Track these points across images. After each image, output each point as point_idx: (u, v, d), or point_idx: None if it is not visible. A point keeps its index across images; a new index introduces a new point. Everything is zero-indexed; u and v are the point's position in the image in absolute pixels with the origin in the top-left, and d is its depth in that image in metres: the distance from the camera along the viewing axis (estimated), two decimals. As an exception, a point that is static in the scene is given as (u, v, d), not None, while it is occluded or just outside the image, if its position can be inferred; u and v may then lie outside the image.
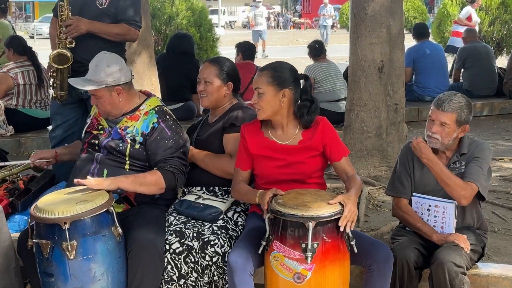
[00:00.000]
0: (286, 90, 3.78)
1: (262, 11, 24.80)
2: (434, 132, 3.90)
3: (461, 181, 3.84)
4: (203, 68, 4.23)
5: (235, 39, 18.36)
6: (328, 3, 27.35)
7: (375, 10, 6.23)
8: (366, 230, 4.89)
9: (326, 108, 8.85)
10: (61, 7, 5.07)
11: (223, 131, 4.16)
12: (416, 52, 9.93)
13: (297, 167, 3.84)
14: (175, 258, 3.79)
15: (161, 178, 3.88)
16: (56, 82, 5.19)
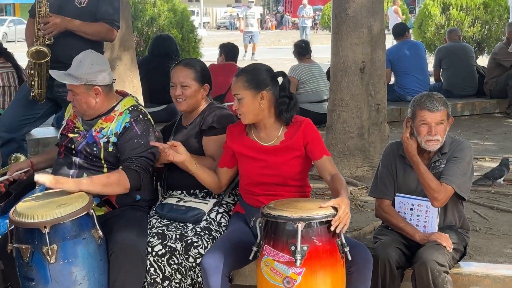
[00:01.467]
0: (264, 92, 3.77)
1: (254, 12, 23.73)
2: (435, 134, 3.89)
3: (437, 183, 3.85)
4: (178, 72, 4.15)
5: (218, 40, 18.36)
6: (307, 4, 27.42)
7: (356, 10, 6.24)
8: (349, 230, 4.88)
9: (309, 109, 8.86)
10: (39, 3, 5.04)
11: (202, 133, 4.12)
12: (393, 53, 9.92)
13: (279, 168, 3.82)
14: (158, 260, 3.76)
15: (125, 177, 3.82)
16: (34, 79, 5.16)
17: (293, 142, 3.83)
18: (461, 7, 13.30)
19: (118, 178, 3.81)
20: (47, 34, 5.02)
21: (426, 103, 3.89)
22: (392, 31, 10.49)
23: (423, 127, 3.91)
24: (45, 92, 5.23)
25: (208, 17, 51.47)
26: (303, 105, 8.87)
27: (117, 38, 6.30)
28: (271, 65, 3.59)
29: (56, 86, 5.23)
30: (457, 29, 11.36)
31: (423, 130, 3.90)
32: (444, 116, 3.90)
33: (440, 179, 3.88)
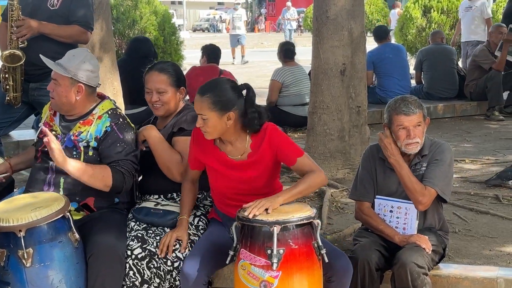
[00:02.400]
0: (231, 113, 3.63)
1: (241, 14, 23.14)
2: (414, 137, 3.89)
3: (421, 186, 3.86)
4: (152, 78, 4.08)
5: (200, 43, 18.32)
6: (291, 6, 27.37)
7: (337, 13, 6.26)
8: (329, 233, 4.89)
9: (291, 112, 8.87)
10: (11, 6, 5.02)
11: (172, 134, 4.09)
12: (376, 55, 9.97)
13: (249, 182, 3.77)
14: (137, 263, 3.74)
15: (109, 174, 3.79)
16: (9, 83, 5.12)
17: (261, 155, 3.72)
18: (442, 10, 13.38)
19: (103, 173, 3.80)
20: (21, 37, 4.99)
21: (402, 108, 3.90)
22: (374, 34, 10.50)
23: (401, 132, 3.91)
24: (20, 95, 5.20)
25: (180, 19, 51.44)
26: (285, 108, 8.89)
27: (97, 41, 6.27)
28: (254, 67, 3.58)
29: (31, 89, 5.21)
30: (441, 31, 11.39)
31: (402, 134, 3.91)
32: (421, 118, 3.91)
33: (423, 182, 3.88)
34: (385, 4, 27.01)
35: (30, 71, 5.03)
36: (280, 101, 8.98)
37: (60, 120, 4.05)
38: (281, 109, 8.93)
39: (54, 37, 5.08)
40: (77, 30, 5.14)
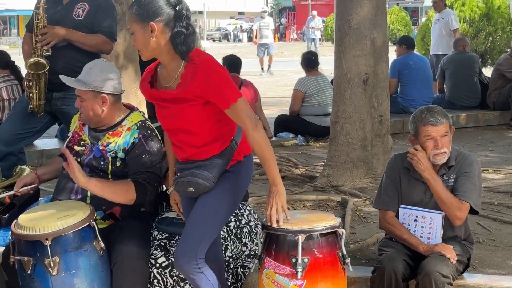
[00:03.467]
0: (152, 24, 3.26)
1: (268, 23, 21.75)
2: (442, 147, 3.88)
3: (457, 201, 3.84)
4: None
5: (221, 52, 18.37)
6: (316, 15, 27.19)
7: (359, 22, 6.26)
8: (352, 242, 4.88)
9: (314, 122, 8.87)
10: (37, 15, 5.07)
11: None
12: (401, 63, 9.97)
13: (182, 119, 3.42)
14: (161, 272, 3.76)
15: (133, 189, 3.81)
16: (33, 91, 5.17)
17: (190, 88, 3.32)
18: (465, 19, 13.33)
19: (126, 188, 3.81)
20: (46, 44, 5.04)
21: (428, 118, 3.90)
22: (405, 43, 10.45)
23: (429, 142, 3.90)
24: (43, 104, 5.25)
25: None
26: (308, 117, 8.89)
27: (121, 51, 6.34)
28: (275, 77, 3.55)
29: (54, 99, 5.25)
30: (464, 38, 11.32)
31: (429, 145, 3.90)
32: (447, 128, 3.91)
33: (457, 195, 3.87)
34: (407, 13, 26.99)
35: (54, 80, 5.07)
36: (303, 111, 8.99)
37: (89, 130, 4.08)
38: (304, 119, 8.94)
39: (79, 45, 5.13)
40: (102, 39, 5.19)
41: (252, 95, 8.72)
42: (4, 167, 5.40)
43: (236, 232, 4.00)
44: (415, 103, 9.71)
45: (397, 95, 9.99)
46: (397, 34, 24.18)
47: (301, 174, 7.02)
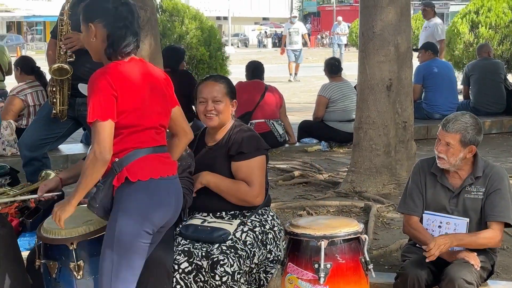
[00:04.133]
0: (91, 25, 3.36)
1: (298, 28, 21.05)
2: (439, 152, 3.91)
3: (488, 234, 3.85)
4: (208, 87, 4.11)
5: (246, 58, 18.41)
6: (342, 20, 27.05)
7: (383, 28, 6.27)
8: (375, 248, 4.88)
9: (337, 127, 8.86)
10: (61, 21, 5.12)
11: (230, 158, 4.07)
12: (426, 69, 9.93)
13: None
14: (184, 277, 3.76)
15: None
16: (56, 97, 5.22)
17: None
18: (490, 25, 13.25)
19: None
20: (69, 48, 5.09)
21: (446, 120, 3.94)
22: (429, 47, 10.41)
23: (437, 141, 3.97)
24: (67, 109, 5.29)
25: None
26: (332, 123, 8.88)
27: (146, 56, 6.36)
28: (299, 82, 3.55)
29: (78, 104, 5.28)
30: (488, 45, 11.26)
31: (436, 143, 3.97)
32: (453, 140, 3.87)
33: (492, 217, 3.87)
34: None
35: (77, 86, 5.12)
36: (327, 117, 8.98)
37: None
38: (327, 125, 8.93)
39: None
40: None
41: (277, 101, 8.73)
42: (28, 172, 5.46)
43: (262, 238, 4.01)
44: (440, 109, 9.68)
45: (421, 101, 9.96)
46: (422, 40, 24.03)
47: (324, 180, 7.02)
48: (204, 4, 45.51)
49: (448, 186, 3.98)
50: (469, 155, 3.92)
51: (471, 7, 13.77)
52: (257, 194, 4.05)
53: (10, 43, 37.97)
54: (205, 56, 11.19)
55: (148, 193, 3.31)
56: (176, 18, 11.53)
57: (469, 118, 3.95)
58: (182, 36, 11.30)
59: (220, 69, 11.53)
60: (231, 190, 4.05)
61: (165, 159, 3.42)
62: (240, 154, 4.05)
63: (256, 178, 4.04)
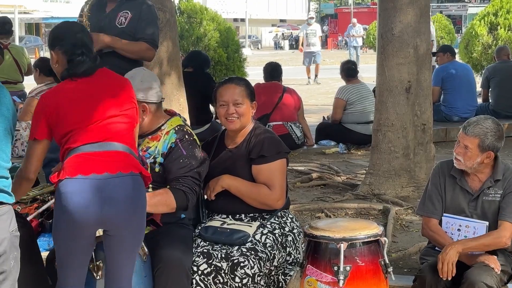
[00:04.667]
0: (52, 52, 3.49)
1: (316, 29, 20.69)
2: (457, 153, 3.90)
3: (494, 233, 3.82)
4: (229, 90, 4.09)
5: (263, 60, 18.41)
6: (357, 22, 27.01)
7: (402, 30, 6.25)
8: (394, 251, 4.86)
9: (355, 129, 8.84)
10: (80, 22, 5.14)
11: (251, 161, 4.06)
12: (445, 71, 9.89)
13: None
14: (204, 279, 3.75)
15: (172, 197, 3.83)
16: None
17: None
18: (509, 26, 13.17)
19: (165, 198, 3.83)
20: None
21: (467, 122, 3.92)
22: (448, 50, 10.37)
23: (456, 142, 3.95)
24: None
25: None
26: (349, 125, 8.87)
27: (165, 58, 6.39)
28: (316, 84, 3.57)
29: None
30: (506, 48, 11.19)
31: (455, 144, 3.95)
32: (471, 144, 3.84)
33: (503, 216, 3.84)
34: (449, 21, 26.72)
35: None
36: (345, 119, 8.97)
37: None
38: (345, 127, 8.92)
39: (122, 52, 5.18)
40: (144, 47, 5.23)
41: (295, 103, 8.73)
42: (48, 173, 5.47)
43: (281, 241, 4.00)
44: (458, 111, 9.63)
45: (440, 103, 9.91)
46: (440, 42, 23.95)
47: (342, 182, 7.01)
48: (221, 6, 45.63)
49: (467, 189, 3.96)
50: (486, 160, 3.89)
51: (490, 9, 13.70)
52: (278, 197, 4.05)
53: (29, 44, 38.18)
54: (222, 58, 11.22)
55: (61, 195, 3.28)
56: (194, 20, 11.56)
57: (491, 124, 3.90)
58: (200, 38, 11.33)
59: (237, 71, 11.55)
60: (252, 194, 4.04)
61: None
62: (261, 158, 4.04)
63: (277, 182, 4.03)
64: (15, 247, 3.07)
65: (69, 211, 3.18)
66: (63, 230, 3.26)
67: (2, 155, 3.01)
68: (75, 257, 3.33)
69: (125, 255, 3.38)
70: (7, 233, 3.01)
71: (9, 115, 3.04)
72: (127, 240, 3.35)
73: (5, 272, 3.03)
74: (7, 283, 3.04)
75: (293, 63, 28.61)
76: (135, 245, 3.42)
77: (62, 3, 50.46)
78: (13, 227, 3.06)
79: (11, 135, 3.07)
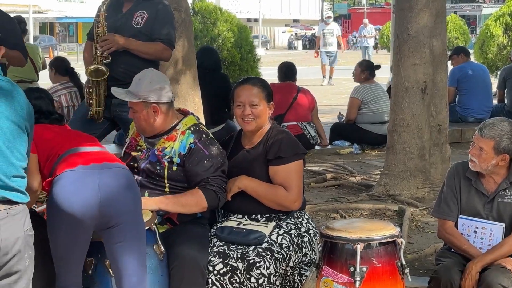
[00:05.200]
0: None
1: (333, 29, 19.94)
2: (472, 155, 3.87)
3: (509, 240, 3.80)
4: (245, 91, 4.07)
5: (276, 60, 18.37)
6: (368, 23, 26.93)
7: (418, 30, 6.23)
8: (410, 252, 4.84)
9: (370, 129, 8.81)
10: (97, 22, 5.15)
11: (268, 162, 4.05)
12: (460, 72, 9.85)
13: None
14: (220, 278, 3.74)
15: (203, 197, 3.86)
16: (93, 98, 5.25)
17: None
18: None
19: (196, 199, 3.86)
20: (106, 50, 5.11)
21: (483, 124, 3.89)
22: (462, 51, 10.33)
23: (472, 143, 3.92)
24: (103, 110, 5.31)
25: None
26: (364, 125, 8.84)
27: (180, 57, 6.39)
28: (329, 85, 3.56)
29: (113, 105, 5.30)
30: None
31: (471, 145, 3.93)
32: (486, 146, 3.81)
33: None
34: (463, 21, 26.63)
35: (112, 85, 5.15)
36: (359, 119, 8.94)
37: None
38: (360, 127, 8.89)
39: (137, 53, 5.19)
40: (160, 47, 5.24)
41: (309, 103, 8.72)
42: None
43: (297, 241, 3.98)
44: (474, 112, 9.59)
45: (455, 104, 9.87)
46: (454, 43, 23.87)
47: (357, 183, 7.00)
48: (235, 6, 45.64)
49: (483, 191, 3.94)
50: (501, 163, 3.86)
51: (505, 9, 13.65)
52: (295, 199, 4.03)
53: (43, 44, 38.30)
54: (236, 58, 11.21)
55: (54, 191, 3.40)
56: (208, 20, 11.57)
57: (507, 126, 3.87)
58: (214, 38, 11.34)
59: (251, 71, 11.55)
60: (269, 195, 4.02)
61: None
62: (278, 159, 4.02)
63: (294, 183, 4.01)
64: (30, 246, 3.06)
65: (70, 201, 3.30)
66: (64, 225, 3.33)
67: (16, 153, 2.98)
68: (76, 250, 3.40)
69: (127, 246, 3.41)
70: (21, 232, 3.00)
71: (23, 113, 3.03)
72: (127, 229, 3.41)
73: (20, 271, 3.03)
74: (22, 282, 3.04)
75: (306, 63, 28.57)
76: (137, 236, 3.46)
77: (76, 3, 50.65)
78: (27, 226, 3.05)
79: (26, 134, 3.06)
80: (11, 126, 2.97)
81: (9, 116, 2.97)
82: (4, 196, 2.93)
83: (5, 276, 2.99)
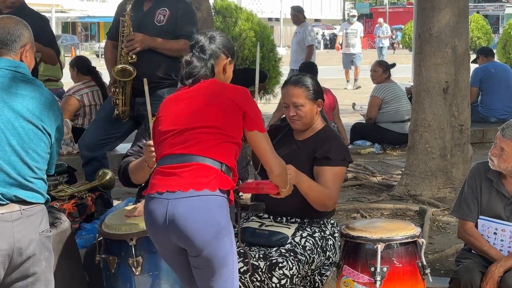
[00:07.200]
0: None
1: (357, 29, 18.37)
2: (492, 154, 3.86)
3: None
4: (289, 92, 4.04)
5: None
6: (383, 22, 26.69)
7: (440, 30, 6.21)
8: (431, 252, 4.83)
9: (390, 128, 8.79)
10: (123, 22, 5.17)
11: (314, 160, 4.01)
12: (483, 72, 9.79)
13: None
14: (241, 277, 3.72)
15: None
16: (119, 98, 5.28)
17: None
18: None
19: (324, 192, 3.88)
20: (131, 50, 5.13)
21: (506, 124, 3.86)
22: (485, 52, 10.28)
23: (494, 143, 3.90)
24: (129, 110, 5.34)
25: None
26: (385, 124, 8.82)
27: (201, 57, 6.40)
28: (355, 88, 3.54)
29: (137, 104, 5.33)
30: None
31: (493, 145, 3.91)
32: (508, 147, 3.79)
33: None
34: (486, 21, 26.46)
35: (137, 85, 5.18)
36: (380, 118, 8.93)
37: None
38: (380, 126, 8.87)
39: (162, 51, 5.21)
40: (184, 44, 5.23)
41: (331, 103, 8.70)
42: (88, 172, 5.54)
43: (322, 244, 3.97)
44: (496, 112, 9.54)
45: (477, 104, 9.81)
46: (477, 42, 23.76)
47: (378, 183, 6.98)
48: (256, 6, 45.62)
49: (504, 193, 3.92)
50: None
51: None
52: (336, 200, 4.01)
53: (65, 43, 38.53)
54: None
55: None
56: (229, 19, 11.58)
57: None
58: (235, 37, 11.35)
59: (272, 70, 11.55)
60: (321, 194, 3.92)
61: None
62: (326, 159, 3.97)
63: (335, 186, 3.96)
64: (46, 248, 3.03)
65: (149, 230, 3.14)
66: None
67: (32, 154, 2.97)
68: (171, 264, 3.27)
69: (205, 277, 3.14)
70: (36, 234, 2.97)
71: (43, 114, 2.96)
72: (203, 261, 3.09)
73: (36, 274, 3.00)
74: (39, 284, 3.02)
75: (328, 63, 28.48)
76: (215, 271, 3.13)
77: (98, 2, 50.89)
78: (44, 227, 3.02)
79: (46, 135, 3.01)
80: (27, 126, 2.95)
81: (26, 116, 2.95)
82: (17, 195, 2.91)
83: (22, 278, 2.98)
